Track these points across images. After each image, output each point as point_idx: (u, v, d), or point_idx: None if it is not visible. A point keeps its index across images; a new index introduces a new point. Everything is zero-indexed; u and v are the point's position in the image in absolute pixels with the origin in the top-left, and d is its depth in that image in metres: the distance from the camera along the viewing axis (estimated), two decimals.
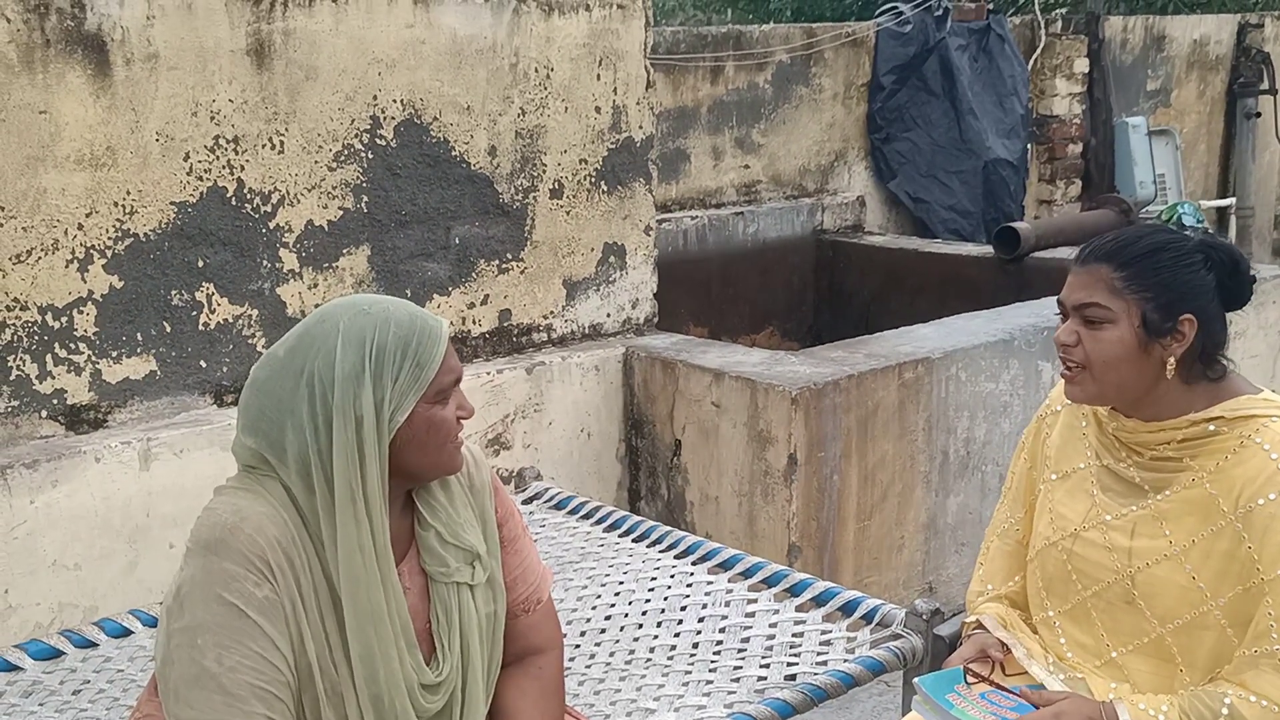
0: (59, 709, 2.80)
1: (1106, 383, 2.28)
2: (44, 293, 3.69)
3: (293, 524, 1.97)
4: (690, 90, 6.96)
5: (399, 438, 1.99)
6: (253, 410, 2.01)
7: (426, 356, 2.01)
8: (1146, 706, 2.20)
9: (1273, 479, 2.17)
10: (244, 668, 1.88)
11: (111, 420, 3.87)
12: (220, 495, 2.01)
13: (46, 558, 3.60)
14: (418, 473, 2.07)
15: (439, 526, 2.13)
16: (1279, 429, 2.21)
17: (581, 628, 3.16)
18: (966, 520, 4.86)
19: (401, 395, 1.98)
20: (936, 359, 4.66)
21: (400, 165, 4.36)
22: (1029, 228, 6.74)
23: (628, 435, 4.94)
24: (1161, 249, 2.26)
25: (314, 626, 1.97)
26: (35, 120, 3.61)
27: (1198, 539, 2.24)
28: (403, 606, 2.04)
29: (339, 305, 2.05)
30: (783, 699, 2.66)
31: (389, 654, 2.01)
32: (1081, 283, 2.30)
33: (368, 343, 1.97)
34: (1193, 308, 2.23)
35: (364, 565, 1.97)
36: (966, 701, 2.35)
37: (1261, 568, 2.16)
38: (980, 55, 8.10)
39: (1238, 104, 10.11)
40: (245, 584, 1.90)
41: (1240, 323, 5.71)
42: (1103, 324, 2.26)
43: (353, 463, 1.94)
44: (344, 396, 1.94)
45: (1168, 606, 2.27)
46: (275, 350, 2.03)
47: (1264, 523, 2.16)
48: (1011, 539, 2.61)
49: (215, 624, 1.89)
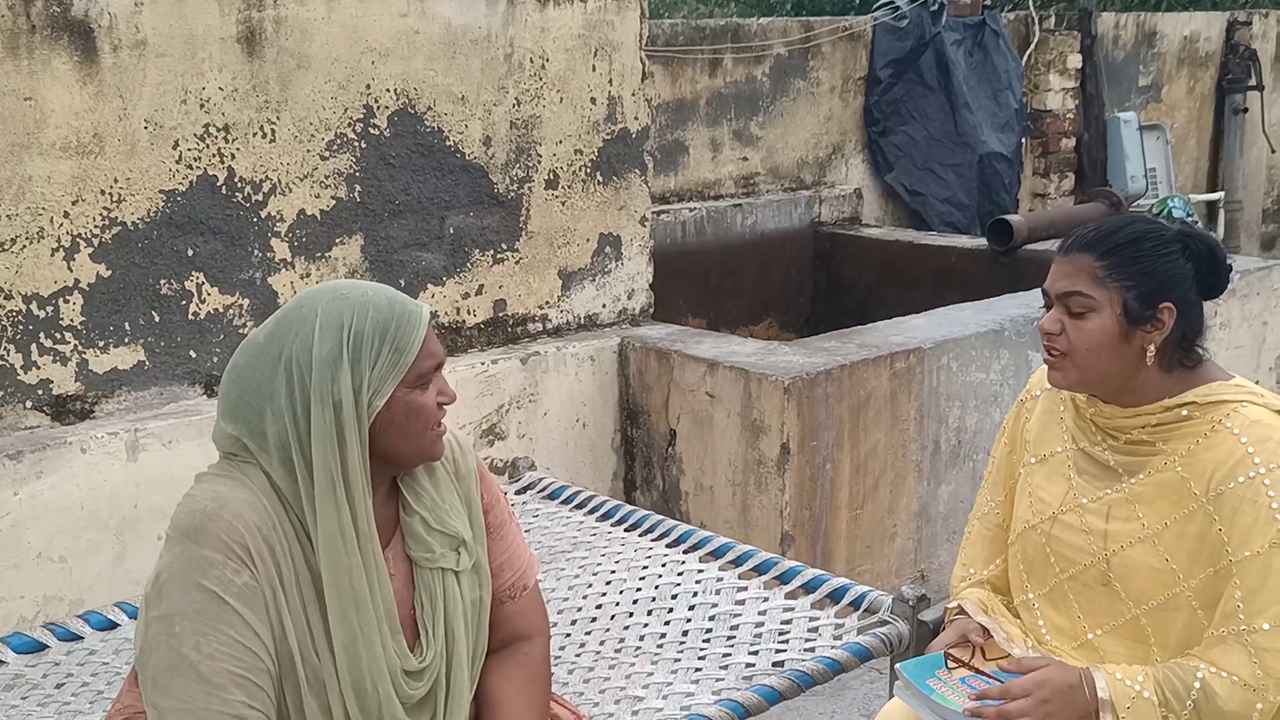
0: (41, 702, 2.78)
1: (1089, 369, 2.31)
2: (29, 281, 3.67)
3: (273, 510, 1.96)
4: (689, 83, 6.96)
5: (379, 423, 1.98)
6: (232, 396, 2.00)
7: (405, 341, 2.00)
8: (1123, 676, 2.21)
9: (1242, 463, 2.19)
10: (223, 655, 1.86)
11: (98, 411, 3.85)
12: (200, 482, 2.01)
13: (31, 550, 3.58)
14: (399, 458, 2.06)
15: (424, 512, 2.12)
16: (1249, 414, 2.24)
17: (572, 616, 3.16)
18: (958, 509, 4.86)
19: (380, 380, 1.97)
20: (928, 349, 4.66)
21: (394, 155, 4.35)
22: (1022, 220, 6.77)
23: (623, 425, 4.93)
24: (1142, 238, 2.29)
25: (295, 613, 1.96)
26: (20, 107, 3.59)
27: (1170, 522, 2.27)
28: (388, 591, 2.03)
29: (318, 290, 2.04)
30: (770, 685, 2.67)
31: (371, 639, 2.00)
32: (1065, 272, 2.33)
33: (345, 327, 1.96)
34: (1172, 296, 2.26)
35: (345, 550, 1.96)
36: (947, 686, 2.36)
37: (1230, 549, 2.19)
38: (975, 50, 8.14)
39: (1226, 100, 10.23)
40: (224, 571, 1.89)
41: (1226, 314, 5.74)
42: (1086, 313, 2.29)
43: (332, 448, 1.93)
44: (322, 381, 1.93)
45: (1142, 588, 2.30)
46: (255, 336, 2.02)
47: (1233, 506, 2.19)
48: (992, 523, 2.63)
49: (194, 611, 1.87)
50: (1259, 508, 2.16)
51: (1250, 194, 10.51)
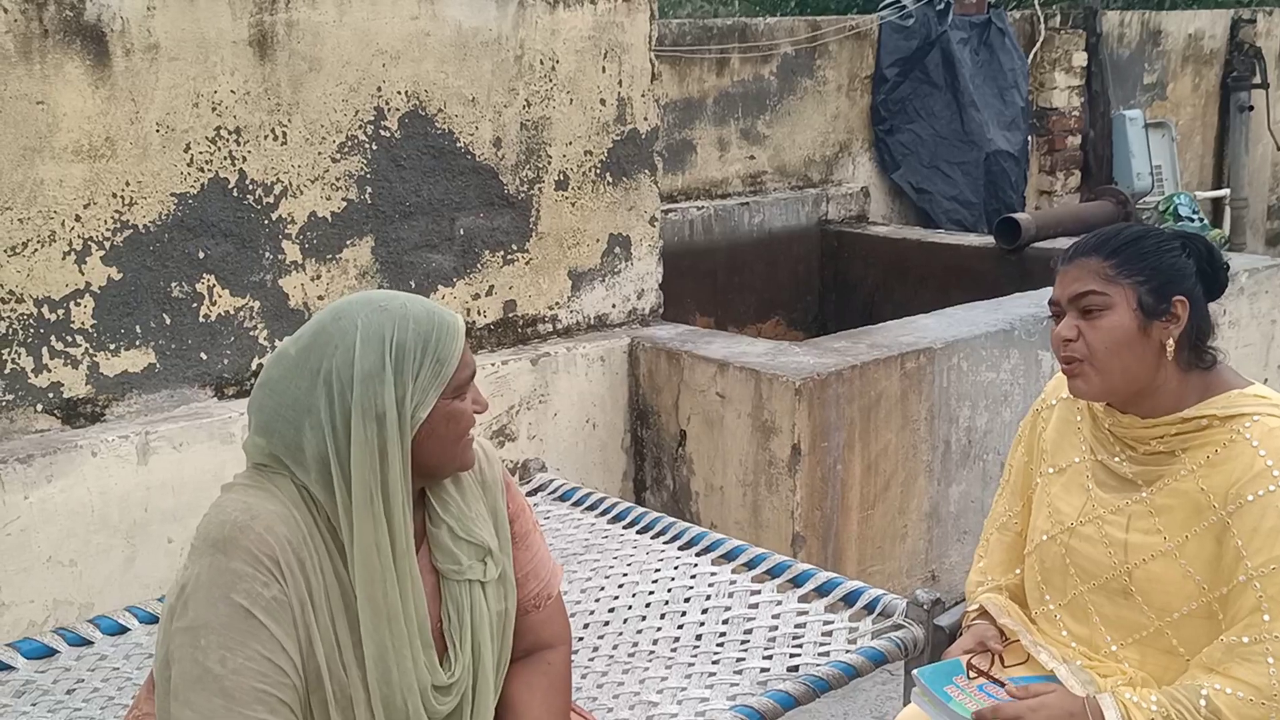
0: (52, 709, 2.76)
1: (1111, 371, 2.28)
2: (40, 285, 3.67)
3: (304, 523, 1.94)
4: (696, 82, 6.96)
5: (418, 434, 1.97)
6: (267, 410, 1.98)
7: (446, 352, 1.99)
8: (1137, 699, 2.20)
9: (1261, 475, 2.18)
10: (248, 670, 1.84)
11: (109, 414, 3.85)
12: (230, 492, 1.98)
13: (41, 554, 3.58)
14: (435, 469, 2.05)
15: (451, 522, 2.10)
16: (1267, 424, 2.23)
17: (585, 620, 3.15)
18: (969, 509, 4.86)
19: (423, 391, 1.97)
20: (938, 349, 4.66)
21: (405, 157, 4.35)
22: (1029, 218, 6.77)
23: (633, 426, 4.93)
24: (1143, 236, 2.32)
25: (323, 628, 1.94)
26: (32, 111, 3.59)
27: (1190, 534, 2.25)
28: (422, 606, 2.01)
29: (353, 302, 2.02)
30: (785, 690, 2.66)
31: (403, 654, 1.98)
32: (1073, 276, 2.32)
33: (388, 340, 1.95)
34: (1183, 290, 2.27)
35: (380, 564, 1.94)
36: (964, 694, 2.35)
37: (1249, 560, 2.17)
38: (981, 48, 8.15)
39: (1231, 97, 10.27)
40: (253, 584, 1.86)
41: (1234, 312, 5.74)
42: (1101, 311, 2.27)
43: (372, 461, 1.92)
44: (364, 394, 1.92)
45: (1165, 600, 2.29)
46: (286, 349, 2.00)
47: (1253, 518, 2.17)
48: (1010, 532, 2.63)
49: (220, 624, 1.85)
50: None
51: (1255, 191, 10.56)
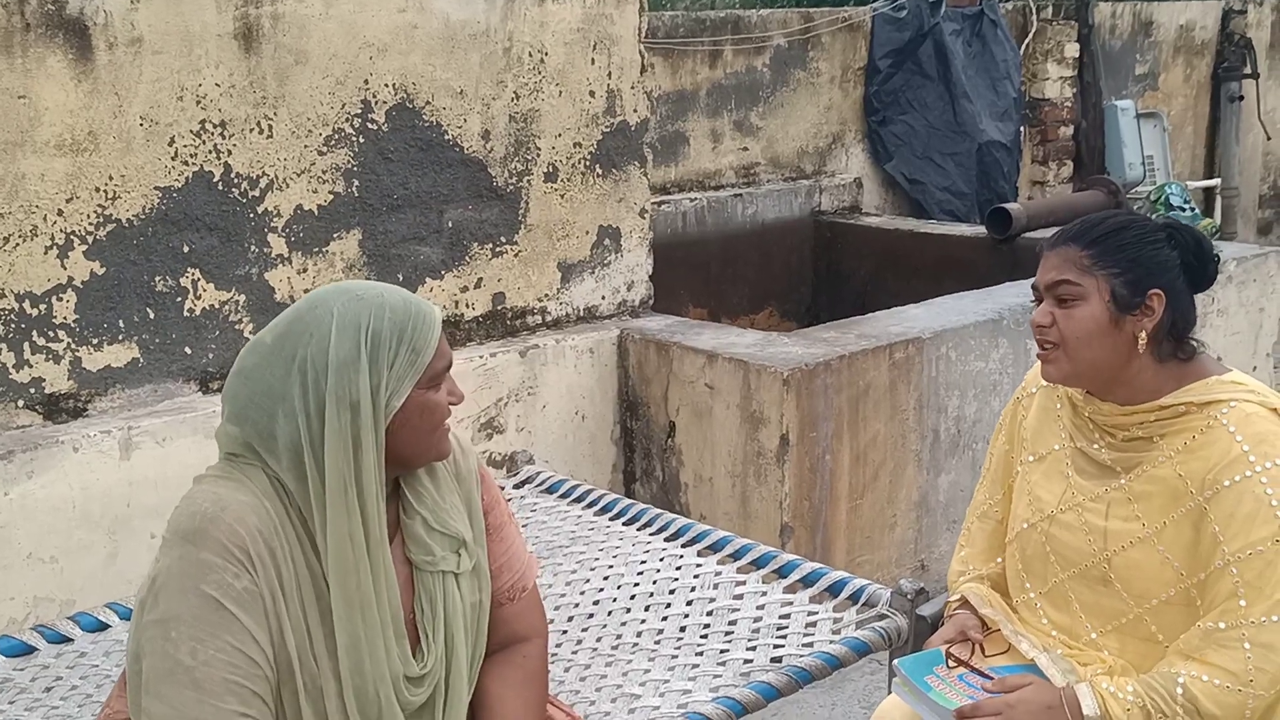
0: (29, 707, 2.73)
1: (1081, 360, 2.31)
2: (21, 280, 3.66)
3: (275, 513, 1.93)
4: (689, 74, 6.94)
5: (393, 424, 1.97)
6: (240, 398, 1.98)
7: (422, 342, 1.99)
8: (1113, 689, 2.20)
9: (1237, 461, 2.19)
10: (219, 662, 1.84)
11: (91, 409, 3.83)
12: (200, 484, 1.98)
13: (21, 550, 3.56)
14: (408, 459, 2.05)
15: (425, 513, 2.10)
16: (1244, 410, 2.24)
17: (569, 613, 3.14)
18: (958, 498, 4.86)
19: (398, 381, 1.97)
20: (927, 339, 4.66)
21: (392, 149, 4.34)
22: (1020, 208, 6.77)
23: (622, 417, 4.92)
24: (1125, 228, 2.33)
25: (295, 619, 1.94)
26: (13, 105, 3.58)
27: (1168, 521, 2.26)
28: (395, 596, 2.01)
29: (330, 291, 2.02)
30: (767, 681, 2.65)
31: (375, 644, 1.98)
32: (1052, 264, 2.36)
33: (363, 328, 1.95)
34: (1160, 284, 2.28)
35: (354, 554, 1.94)
36: (945, 684, 2.35)
37: (1226, 546, 2.17)
38: (974, 40, 8.15)
39: (1222, 88, 10.29)
40: (224, 575, 1.86)
41: (1223, 300, 5.74)
42: (1075, 301, 2.30)
43: (346, 450, 1.92)
44: (339, 383, 1.92)
45: (1144, 587, 2.29)
46: (262, 337, 2.00)
47: (1230, 504, 2.18)
48: (992, 520, 2.63)
49: (191, 616, 1.84)
50: (1259, 503, 2.15)
51: (1246, 180, 10.60)
